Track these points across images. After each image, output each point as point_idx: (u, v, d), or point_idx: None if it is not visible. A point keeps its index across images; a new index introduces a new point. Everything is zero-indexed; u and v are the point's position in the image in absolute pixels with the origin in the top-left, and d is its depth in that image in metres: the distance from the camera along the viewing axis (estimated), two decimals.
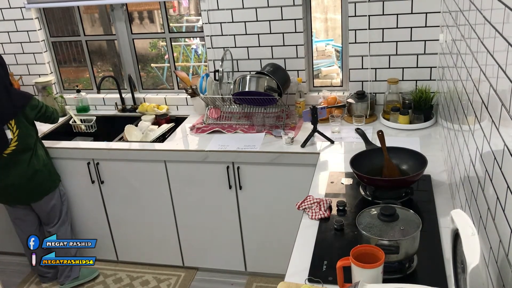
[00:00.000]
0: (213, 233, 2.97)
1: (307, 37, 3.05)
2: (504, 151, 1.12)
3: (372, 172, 2.02)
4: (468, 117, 1.63)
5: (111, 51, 4.12)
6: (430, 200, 1.97)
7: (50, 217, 2.96)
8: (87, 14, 4.24)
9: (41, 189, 2.85)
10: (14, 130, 2.68)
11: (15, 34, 3.46)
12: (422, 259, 1.60)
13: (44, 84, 3.48)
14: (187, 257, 3.13)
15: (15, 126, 2.68)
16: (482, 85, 1.39)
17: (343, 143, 2.65)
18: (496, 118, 1.19)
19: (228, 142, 2.78)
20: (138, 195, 2.99)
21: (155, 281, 3.11)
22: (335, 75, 5.52)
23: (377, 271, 1.38)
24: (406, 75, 2.86)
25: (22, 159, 2.74)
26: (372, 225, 1.54)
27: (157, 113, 3.29)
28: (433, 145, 2.51)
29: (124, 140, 3.04)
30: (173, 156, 2.80)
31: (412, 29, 2.73)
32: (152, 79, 5.68)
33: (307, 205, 1.96)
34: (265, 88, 2.79)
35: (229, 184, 2.77)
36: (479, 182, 1.41)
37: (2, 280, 3.26)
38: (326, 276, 1.56)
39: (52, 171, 2.91)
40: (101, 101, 3.54)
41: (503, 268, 1.13)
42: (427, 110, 2.75)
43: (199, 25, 5.66)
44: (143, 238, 3.14)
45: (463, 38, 1.79)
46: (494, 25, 1.23)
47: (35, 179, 2.79)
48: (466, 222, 1.20)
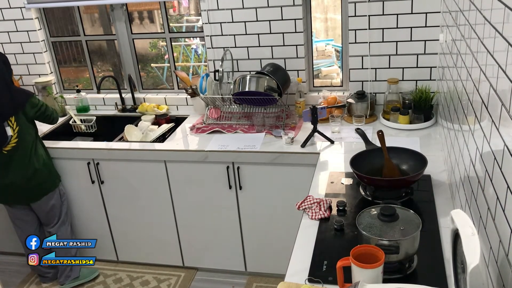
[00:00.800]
0: (213, 233, 2.97)
1: (307, 37, 3.05)
2: (504, 151, 1.12)
3: (372, 172, 2.02)
4: (468, 117, 1.63)
5: (111, 51, 4.12)
6: (430, 200, 1.97)
7: (50, 217, 2.96)
8: (87, 14, 4.24)
9: (40, 189, 2.85)
10: (14, 127, 2.69)
11: (15, 34, 3.46)
12: (422, 259, 1.60)
13: (44, 84, 3.48)
14: (187, 257, 3.13)
15: (15, 123, 2.69)
16: (482, 85, 1.39)
17: (343, 143, 2.65)
18: (496, 118, 1.19)
19: (228, 142, 2.78)
20: (138, 195, 2.99)
21: (155, 281, 3.11)
22: (335, 75, 5.52)
23: (377, 271, 1.38)
24: (406, 75, 2.86)
25: (21, 158, 2.74)
26: (372, 225, 1.54)
27: (157, 113, 3.29)
28: (433, 145, 2.51)
29: (124, 140, 3.04)
30: (173, 156, 2.80)
31: (412, 29, 2.73)
32: (152, 79, 5.68)
33: (307, 205, 1.96)
34: (265, 88, 2.79)
35: (229, 184, 2.77)
36: (479, 182, 1.41)
37: (2, 280, 3.26)
38: (326, 276, 1.56)
39: (52, 171, 2.91)
40: (101, 101, 3.54)
41: (503, 268, 1.13)
42: (427, 110, 2.75)
43: (199, 25, 5.66)
44: (143, 238, 3.14)
45: (463, 38, 1.79)
46: (494, 25, 1.23)
47: (35, 179, 2.79)
48: (466, 222, 1.20)
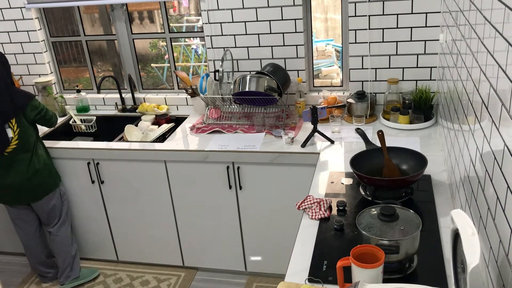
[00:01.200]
0: (213, 233, 2.97)
1: (307, 37, 3.05)
2: (504, 151, 1.12)
3: (372, 172, 2.01)
4: (468, 117, 1.63)
5: (111, 51, 4.13)
6: (430, 200, 1.97)
7: (50, 217, 2.96)
8: (87, 14, 4.24)
9: (41, 189, 2.85)
10: (14, 129, 2.69)
11: (15, 34, 3.46)
12: (422, 259, 1.60)
13: (44, 84, 3.48)
14: (187, 257, 3.13)
15: (16, 125, 2.69)
16: (482, 85, 1.39)
17: (343, 143, 2.65)
18: (496, 118, 1.19)
19: (228, 142, 2.78)
20: (138, 195, 2.99)
21: (155, 281, 3.11)
22: (335, 75, 5.52)
23: (377, 271, 1.38)
24: (406, 75, 2.86)
25: (22, 158, 2.74)
26: (372, 225, 1.54)
27: (157, 113, 3.29)
28: (433, 145, 2.51)
29: (124, 140, 3.04)
30: (173, 156, 2.80)
31: (412, 29, 2.73)
32: (152, 79, 5.68)
33: (307, 205, 1.96)
34: (265, 88, 2.79)
35: (229, 184, 2.77)
36: (479, 182, 1.41)
37: (2, 280, 3.26)
38: (326, 276, 1.56)
39: (53, 171, 2.91)
40: (101, 101, 3.54)
41: (503, 268, 1.13)
42: (427, 110, 2.75)
43: (199, 25, 5.67)
44: (143, 238, 3.14)
45: (463, 38, 1.79)
46: (494, 25, 1.23)
47: (36, 179, 2.79)
48: (466, 222, 1.20)
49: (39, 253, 3.08)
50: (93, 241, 3.23)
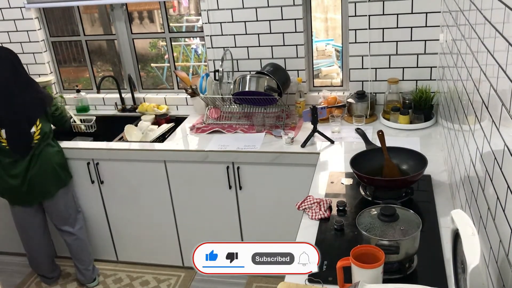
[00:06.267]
0: (213, 233, 2.97)
1: (307, 37, 3.05)
2: (504, 151, 1.12)
3: (372, 172, 2.01)
4: (468, 117, 1.63)
5: (111, 51, 4.12)
6: (430, 200, 1.97)
7: (65, 216, 2.93)
8: (87, 14, 4.24)
9: (56, 183, 2.84)
10: (37, 124, 2.71)
11: (15, 34, 3.46)
12: (422, 259, 1.60)
13: (44, 84, 3.47)
14: (187, 257, 3.13)
15: (38, 120, 2.72)
16: (482, 85, 1.38)
17: (343, 143, 2.65)
18: (497, 118, 1.19)
19: (228, 142, 2.78)
20: (138, 195, 2.98)
21: (155, 281, 3.11)
22: (335, 75, 5.52)
23: (377, 271, 1.38)
24: (406, 75, 2.86)
25: (42, 152, 2.75)
26: (372, 225, 1.54)
27: (157, 113, 3.28)
28: (433, 145, 2.51)
29: (124, 140, 3.04)
30: (173, 156, 2.80)
31: (412, 29, 2.73)
32: (152, 79, 5.67)
33: (307, 205, 1.96)
34: (265, 88, 2.78)
35: (229, 184, 2.77)
36: (479, 182, 1.40)
37: (2, 280, 3.26)
38: (326, 276, 1.56)
39: (66, 165, 2.92)
40: (101, 101, 3.53)
41: (503, 268, 1.13)
42: (427, 110, 2.74)
43: (199, 25, 5.66)
44: (143, 238, 3.14)
45: (463, 38, 1.79)
46: (494, 25, 1.23)
47: (52, 173, 2.80)
48: (466, 222, 1.20)
49: (45, 257, 3.06)
50: (93, 241, 3.22)
